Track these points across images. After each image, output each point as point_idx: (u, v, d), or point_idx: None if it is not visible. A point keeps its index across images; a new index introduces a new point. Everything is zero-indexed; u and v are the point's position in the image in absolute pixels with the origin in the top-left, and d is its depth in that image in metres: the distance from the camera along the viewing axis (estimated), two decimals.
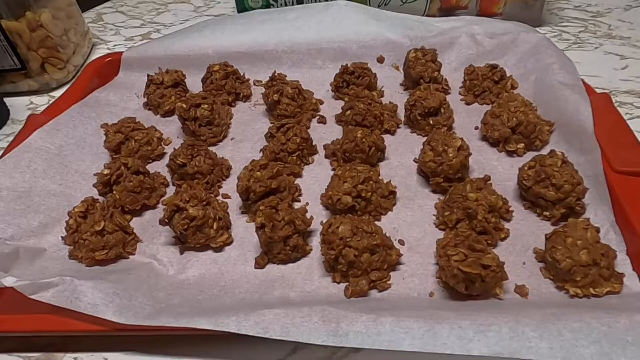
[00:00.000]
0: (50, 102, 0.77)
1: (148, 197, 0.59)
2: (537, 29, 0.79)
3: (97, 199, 0.55)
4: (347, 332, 0.41)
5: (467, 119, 0.69)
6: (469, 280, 0.45)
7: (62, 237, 0.54)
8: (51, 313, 0.44)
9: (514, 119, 0.61)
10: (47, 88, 0.84)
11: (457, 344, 0.39)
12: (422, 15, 0.87)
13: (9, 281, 0.44)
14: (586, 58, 0.80)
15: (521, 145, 0.62)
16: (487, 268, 0.44)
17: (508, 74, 0.72)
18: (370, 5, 0.87)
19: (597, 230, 0.47)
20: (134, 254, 0.54)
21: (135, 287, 0.47)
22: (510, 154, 0.62)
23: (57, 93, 0.81)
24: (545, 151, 0.60)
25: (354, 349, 0.43)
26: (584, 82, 0.65)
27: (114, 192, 0.57)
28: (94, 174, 0.60)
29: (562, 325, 0.39)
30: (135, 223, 0.57)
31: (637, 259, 0.48)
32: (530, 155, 0.61)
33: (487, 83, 0.70)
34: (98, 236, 0.52)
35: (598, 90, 0.67)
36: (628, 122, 0.60)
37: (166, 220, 0.53)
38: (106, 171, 0.58)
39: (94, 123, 0.70)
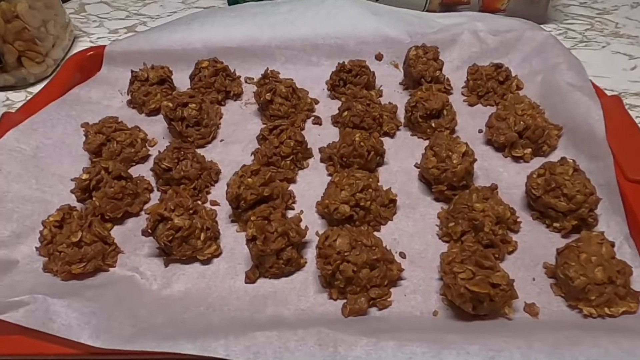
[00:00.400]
0: (28, 98, 0.73)
1: (130, 203, 0.55)
2: (542, 26, 0.76)
3: (75, 207, 0.51)
4: (346, 357, 0.38)
5: (470, 122, 0.65)
6: (477, 299, 0.42)
7: (36, 247, 0.50)
8: (22, 334, 0.41)
9: (521, 122, 0.58)
10: (25, 83, 0.80)
11: None
12: (423, 10, 0.84)
13: None
14: (593, 58, 0.77)
15: (528, 150, 0.59)
16: (497, 287, 0.41)
17: (513, 74, 0.69)
18: None
19: (612, 244, 0.44)
20: (114, 267, 0.50)
21: (114, 305, 0.44)
22: (517, 159, 0.59)
23: (36, 89, 0.77)
24: (553, 157, 0.57)
25: None
26: (593, 84, 0.62)
27: (94, 198, 0.53)
28: (72, 179, 0.56)
29: (578, 352, 0.37)
30: (116, 232, 0.53)
31: None
32: (537, 161, 0.58)
33: (491, 83, 0.67)
34: (75, 248, 0.48)
35: (607, 92, 0.64)
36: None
37: (149, 230, 0.49)
38: (85, 176, 0.54)
39: (74, 122, 0.66)
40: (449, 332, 0.40)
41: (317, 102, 0.71)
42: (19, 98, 0.77)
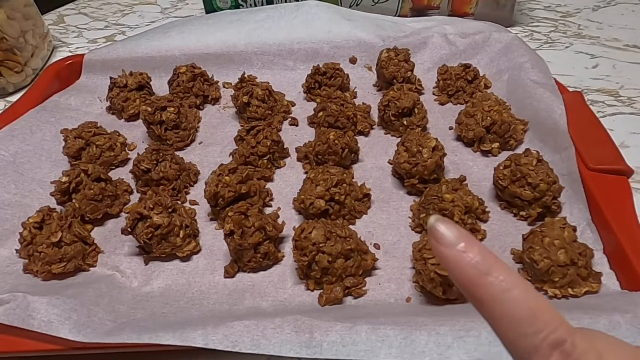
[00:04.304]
0: (7, 107, 0.73)
1: (110, 205, 0.56)
2: (508, 29, 0.79)
3: (54, 209, 0.52)
4: (321, 342, 0.39)
5: (441, 119, 0.68)
6: (447, 283, 0.43)
7: (16, 249, 0.51)
8: (2, 332, 0.41)
9: (488, 118, 0.60)
10: (4, 92, 0.80)
11: (435, 352, 0.37)
12: (394, 16, 0.87)
13: None
14: (557, 57, 0.80)
15: (496, 144, 0.61)
16: None
17: (481, 74, 0.72)
18: (341, 6, 0.86)
19: (574, 229, 0.46)
20: (94, 266, 0.51)
21: (94, 302, 0.44)
22: (485, 153, 0.62)
23: (14, 98, 0.77)
24: (519, 150, 0.60)
25: None
26: (556, 81, 0.65)
27: (74, 200, 0.54)
28: (51, 182, 0.56)
29: None
30: (96, 233, 0.54)
31: (614, 257, 0.47)
32: (505, 154, 0.60)
33: (460, 83, 0.69)
34: (55, 248, 0.48)
35: (570, 89, 0.67)
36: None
37: (129, 229, 0.50)
38: (64, 178, 0.54)
39: (53, 128, 0.66)
40: (421, 316, 0.41)
41: (293, 104, 0.72)
42: None
